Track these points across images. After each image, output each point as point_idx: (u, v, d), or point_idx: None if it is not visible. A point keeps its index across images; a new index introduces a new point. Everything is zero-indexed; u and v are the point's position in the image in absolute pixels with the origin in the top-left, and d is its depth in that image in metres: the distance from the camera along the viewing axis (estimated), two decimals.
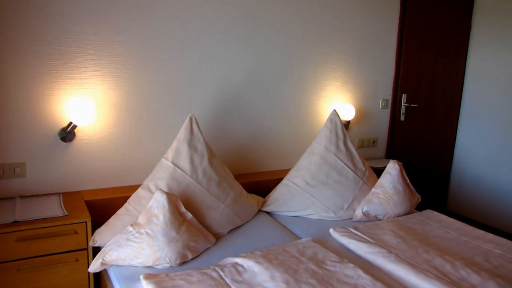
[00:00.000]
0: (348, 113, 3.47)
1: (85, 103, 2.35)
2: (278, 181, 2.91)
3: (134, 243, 1.92)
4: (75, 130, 2.42)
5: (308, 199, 2.69)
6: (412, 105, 3.96)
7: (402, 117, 3.94)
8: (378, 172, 2.98)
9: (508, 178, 3.92)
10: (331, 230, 2.32)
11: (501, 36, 3.90)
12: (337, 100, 3.53)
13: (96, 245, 2.11)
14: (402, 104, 3.92)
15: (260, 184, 2.97)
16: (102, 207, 2.38)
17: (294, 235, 2.42)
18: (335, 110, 2.93)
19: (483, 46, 4.06)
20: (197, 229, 2.13)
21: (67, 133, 2.39)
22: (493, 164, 4.04)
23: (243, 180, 2.85)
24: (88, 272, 2.08)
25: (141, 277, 1.73)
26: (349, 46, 3.51)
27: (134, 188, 2.40)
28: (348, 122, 3.56)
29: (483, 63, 4.08)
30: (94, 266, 1.97)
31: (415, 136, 4.09)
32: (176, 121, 2.73)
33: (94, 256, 2.04)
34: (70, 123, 2.35)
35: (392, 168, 2.79)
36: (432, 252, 2.06)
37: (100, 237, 2.12)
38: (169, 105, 2.73)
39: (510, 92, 3.87)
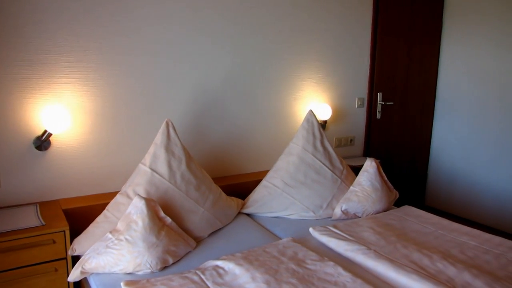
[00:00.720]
0: (324, 112, 3.50)
1: (60, 111, 2.32)
2: (257, 182, 2.92)
3: (114, 250, 1.91)
4: (51, 138, 2.39)
5: (287, 199, 2.70)
6: (388, 103, 4.02)
7: (379, 115, 4.00)
8: (356, 170, 3.01)
9: (482, 172, 4.02)
10: (310, 229, 2.33)
11: (471, 33, 4.00)
12: (314, 100, 3.56)
13: (75, 254, 2.08)
14: (378, 102, 3.97)
15: (239, 186, 2.98)
16: (80, 215, 2.35)
17: (274, 236, 2.43)
18: (311, 110, 2.95)
19: (455, 43, 4.15)
20: (177, 233, 2.12)
21: (42, 142, 2.35)
22: (468, 159, 4.13)
23: (222, 183, 2.85)
24: (68, 282, 2.05)
25: (121, 284, 1.71)
26: (324, 46, 3.55)
27: (112, 195, 2.37)
28: (325, 121, 3.60)
29: (455, 61, 4.17)
30: (74, 275, 1.95)
31: (392, 133, 4.16)
32: (153, 126, 2.72)
33: (73, 265, 2.02)
34: (45, 131, 2.32)
35: (370, 166, 2.83)
36: (410, 247, 2.10)
37: (79, 245, 2.09)
38: (146, 110, 2.71)
39: (482, 88, 3.96)
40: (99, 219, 2.21)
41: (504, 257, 2.04)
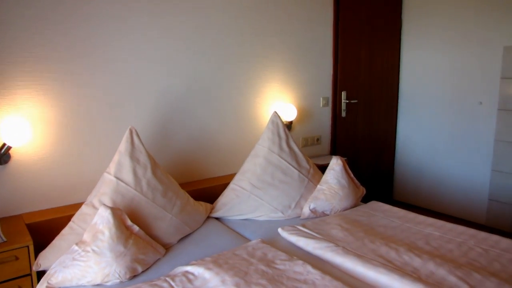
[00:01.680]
0: (290, 113, 3.53)
1: (19, 122, 2.25)
2: (224, 186, 2.92)
3: (81, 262, 1.87)
4: (10, 151, 2.32)
5: (256, 201, 2.71)
6: (352, 101, 4.09)
7: (344, 114, 4.06)
8: (324, 169, 3.04)
9: (446, 165, 4.14)
10: (279, 230, 2.35)
11: (429, 32, 4.12)
12: (279, 101, 3.59)
13: (40, 269, 2.03)
14: (343, 101, 4.03)
15: (207, 190, 2.97)
16: (45, 229, 2.29)
17: (244, 238, 2.43)
18: (276, 112, 2.97)
19: (414, 42, 4.27)
20: (145, 241, 2.10)
21: (1, 155, 2.28)
22: (432, 152, 4.25)
23: (189, 188, 2.84)
24: None
25: None
26: (286, 48, 3.58)
27: (78, 206, 2.33)
28: (291, 122, 3.63)
29: (415, 58, 4.29)
30: None
31: (358, 131, 4.22)
32: (118, 134, 2.68)
33: (38, 281, 1.96)
34: (4, 144, 2.25)
35: (335, 164, 2.87)
36: (377, 242, 2.14)
37: (44, 260, 2.04)
38: (110, 118, 2.67)
39: (442, 83, 4.08)
40: (65, 231, 2.16)
41: (465, 244, 2.11)
